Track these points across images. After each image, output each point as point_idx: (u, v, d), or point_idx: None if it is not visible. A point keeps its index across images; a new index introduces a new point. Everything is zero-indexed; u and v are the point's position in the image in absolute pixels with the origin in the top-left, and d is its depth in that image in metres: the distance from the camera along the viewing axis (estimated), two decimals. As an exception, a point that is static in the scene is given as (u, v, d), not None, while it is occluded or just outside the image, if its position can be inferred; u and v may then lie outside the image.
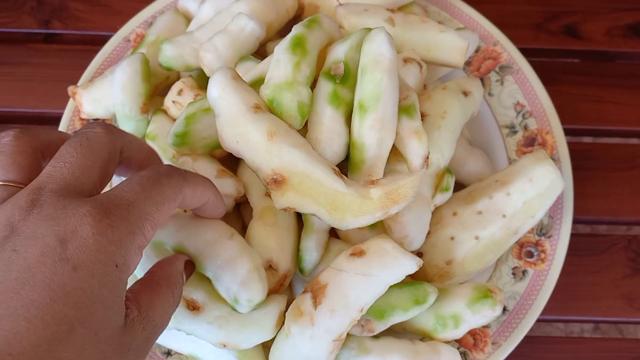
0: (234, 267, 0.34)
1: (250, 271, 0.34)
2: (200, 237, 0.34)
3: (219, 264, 0.34)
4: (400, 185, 0.35)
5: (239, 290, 0.34)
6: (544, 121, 0.46)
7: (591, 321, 0.47)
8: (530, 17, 0.57)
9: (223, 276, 0.34)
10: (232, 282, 0.33)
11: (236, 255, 0.34)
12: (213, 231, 0.34)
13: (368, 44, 0.36)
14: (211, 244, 0.34)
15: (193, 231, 0.34)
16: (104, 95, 0.44)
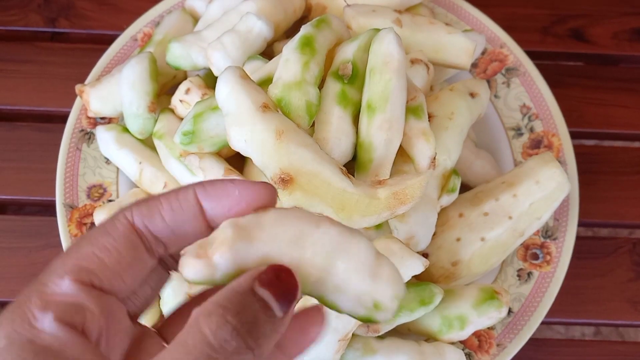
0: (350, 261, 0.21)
1: (378, 256, 0.22)
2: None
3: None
4: (408, 186, 0.35)
5: (375, 289, 0.20)
6: (550, 124, 0.47)
7: (594, 324, 0.47)
8: (537, 20, 0.57)
9: (340, 282, 0.20)
10: (359, 282, 0.20)
11: (345, 242, 0.20)
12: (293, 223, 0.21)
13: (377, 44, 0.36)
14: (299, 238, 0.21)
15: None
16: (112, 93, 0.44)
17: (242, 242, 0.18)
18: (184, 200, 0.19)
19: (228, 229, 0.18)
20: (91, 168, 0.45)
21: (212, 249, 0.18)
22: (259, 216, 0.19)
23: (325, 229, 0.20)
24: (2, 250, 0.47)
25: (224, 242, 0.18)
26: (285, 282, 0.18)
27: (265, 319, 0.17)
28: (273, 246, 0.19)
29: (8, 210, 0.53)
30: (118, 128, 0.44)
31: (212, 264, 0.18)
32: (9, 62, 0.53)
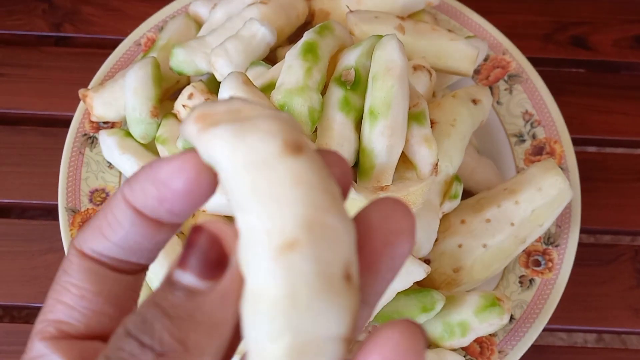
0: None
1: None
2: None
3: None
4: (410, 192, 0.35)
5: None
6: (552, 130, 0.47)
7: (596, 331, 0.47)
8: (538, 27, 0.57)
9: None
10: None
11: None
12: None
13: (379, 51, 0.36)
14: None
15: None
16: (115, 98, 0.45)
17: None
18: (116, 209, 0.16)
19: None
20: (94, 172, 0.45)
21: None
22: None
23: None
24: (5, 254, 0.47)
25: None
26: (200, 245, 0.14)
27: (172, 303, 0.14)
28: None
29: (11, 214, 0.54)
30: (121, 133, 0.45)
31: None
32: (14, 66, 0.54)
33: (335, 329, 0.13)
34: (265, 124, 0.14)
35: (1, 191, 0.49)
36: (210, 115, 0.15)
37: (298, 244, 0.13)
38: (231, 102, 0.15)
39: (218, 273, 0.14)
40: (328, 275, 0.13)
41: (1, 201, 0.49)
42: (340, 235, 0.14)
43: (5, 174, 0.50)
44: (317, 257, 0.13)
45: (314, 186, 0.14)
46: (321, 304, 0.13)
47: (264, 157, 0.14)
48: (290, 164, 0.14)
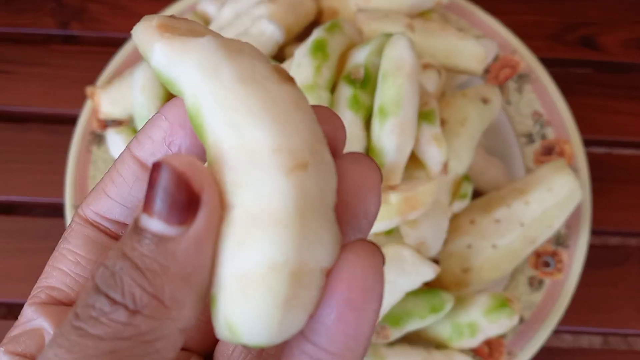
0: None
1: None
2: None
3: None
4: (419, 191, 0.35)
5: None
6: (562, 130, 0.46)
7: (603, 333, 0.46)
8: (546, 27, 0.57)
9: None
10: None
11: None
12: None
13: (390, 49, 0.36)
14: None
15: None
16: (123, 96, 0.45)
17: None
18: (121, 165, 0.15)
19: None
20: (101, 170, 0.45)
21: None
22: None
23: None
24: (11, 252, 0.47)
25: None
26: (164, 185, 0.12)
27: (141, 252, 0.12)
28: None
29: (17, 211, 0.53)
30: (129, 131, 0.44)
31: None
32: (22, 64, 0.54)
33: (327, 260, 0.13)
34: (249, 48, 0.14)
35: (8, 188, 0.49)
36: (175, 28, 0.14)
37: (308, 166, 0.13)
38: (191, 22, 0.14)
39: (189, 216, 0.12)
40: (327, 206, 0.13)
41: (7, 199, 0.49)
42: (332, 170, 0.13)
43: (12, 172, 0.50)
44: (320, 185, 0.13)
45: (311, 115, 0.13)
46: (323, 233, 0.13)
47: (257, 77, 0.13)
48: (287, 89, 0.13)
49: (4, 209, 0.51)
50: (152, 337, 0.12)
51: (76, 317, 0.13)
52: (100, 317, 0.12)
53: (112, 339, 0.12)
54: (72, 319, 0.13)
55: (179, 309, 0.13)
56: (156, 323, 0.12)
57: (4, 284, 0.46)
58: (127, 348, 0.12)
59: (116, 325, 0.12)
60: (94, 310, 0.12)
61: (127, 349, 0.12)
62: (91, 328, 0.12)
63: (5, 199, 0.49)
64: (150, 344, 0.12)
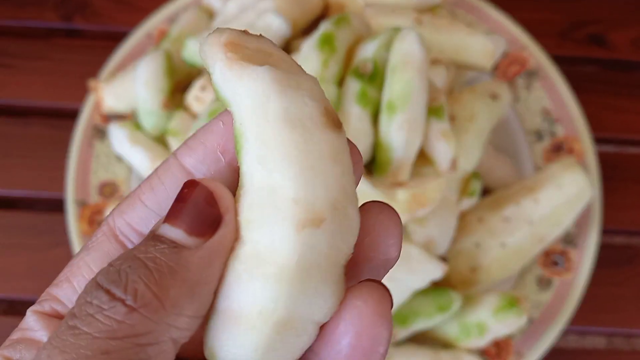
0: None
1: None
2: None
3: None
4: (427, 188, 0.34)
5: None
6: (571, 128, 0.46)
7: (609, 333, 0.46)
8: (555, 24, 0.56)
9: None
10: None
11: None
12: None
13: (399, 43, 0.35)
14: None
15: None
16: (126, 90, 0.44)
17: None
18: (164, 173, 0.15)
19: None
20: (103, 165, 0.45)
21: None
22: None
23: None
24: (12, 247, 0.47)
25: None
26: (193, 200, 0.13)
27: (153, 255, 0.13)
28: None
29: (19, 206, 0.53)
30: (131, 125, 0.44)
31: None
32: (24, 58, 0.53)
33: (323, 315, 0.13)
34: (307, 85, 0.13)
35: (8, 183, 0.49)
36: (242, 47, 0.14)
37: (323, 223, 0.13)
38: (263, 41, 0.14)
39: (209, 231, 0.13)
40: (336, 263, 0.13)
41: (9, 193, 0.49)
42: (353, 226, 0.14)
43: (14, 166, 0.49)
44: (333, 242, 0.13)
45: (346, 168, 0.13)
46: (324, 290, 0.13)
47: (304, 119, 0.13)
48: (331, 138, 0.13)
49: (5, 204, 0.50)
50: (146, 341, 0.12)
51: (72, 316, 0.13)
52: (97, 313, 0.12)
53: (106, 338, 0.12)
54: (68, 318, 0.13)
55: (177, 316, 0.13)
56: (152, 325, 0.12)
57: (4, 280, 0.46)
58: (120, 349, 0.12)
59: (111, 322, 0.12)
60: (91, 307, 0.12)
61: (120, 350, 0.12)
62: (86, 326, 0.12)
63: (7, 194, 0.49)
64: (143, 349, 0.12)
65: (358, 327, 0.13)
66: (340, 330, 0.13)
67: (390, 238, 0.15)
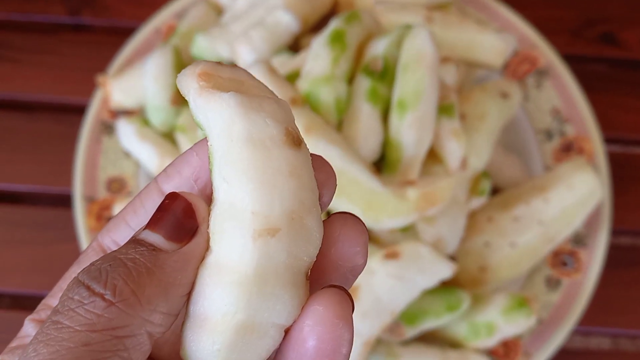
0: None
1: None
2: None
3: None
4: (438, 187, 0.34)
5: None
6: (581, 128, 0.45)
7: (614, 335, 0.45)
8: (566, 23, 0.55)
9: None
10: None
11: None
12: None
13: (410, 40, 0.35)
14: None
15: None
16: (134, 85, 0.44)
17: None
18: (145, 197, 0.17)
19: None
20: (111, 160, 0.44)
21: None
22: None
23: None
24: (18, 242, 0.47)
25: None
26: (173, 210, 0.15)
27: (133, 257, 0.14)
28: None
29: (24, 201, 0.53)
30: (139, 121, 0.44)
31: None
32: (32, 52, 0.53)
33: (285, 319, 0.15)
34: (270, 107, 0.15)
35: (14, 178, 0.49)
36: (215, 77, 0.15)
37: (278, 233, 0.14)
38: (236, 70, 0.16)
39: (184, 238, 0.15)
40: (295, 270, 0.15)
41: (15, 188, 0.49)
42: (313, 236, 0.15)
43: (20, 161, 0.49)
44: (290, 251, 0.14)
45: (305, 183, 0.15)
46: (283, 294, 0.14)
47: (264, 138, 0.14)
48: (288, 155, 0.15)
49: (11, 199, 0.50)
50: (123, 334, 0.13)
51: (55, 312, 0.14)
52: (77, 307, 0.13)
53: (86, 331, 0.13)
54: (52, 314, 0.14)
55: (151, 312, 0.14)
56: (129, 319, 0.13)
57: (8, 274, 0.46)
58: (100, 341, 0.13)
59: (91, 316, 0.13)
60: (73, 302, 0.14)
61: (100, 342, 0.13)
62: (68, 320, 0.13)
63: (12, 189, 0.49)
64: (120, 340, 0.13)
65: (320, 330, 0.14)
66: (304, 334, 0.14)
67: (355, 246, 0.16)
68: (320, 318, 0.14)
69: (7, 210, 0.48)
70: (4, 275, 0.46)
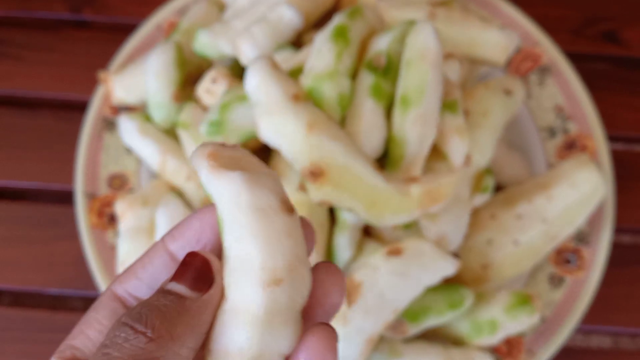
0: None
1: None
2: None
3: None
4: (441, 184, 0.34)
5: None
6: (584, 125, 0.45)
7: (615, 333, 0.45)
8: (568, 21, 0.55)
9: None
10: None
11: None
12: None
13: (414, 36, 0.35)
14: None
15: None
16: (136, 82, 0.44)
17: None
18: (153, 254, 0.20)
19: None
20: (112, 157, 0.44)
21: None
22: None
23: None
24: (19, 239, 0.46)
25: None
26: (194, 265, 0.19)
27: (164, 303, 0.18)
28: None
29: (26, 198, 0.53)
30: (141, 117, 0.43)
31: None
32: (32, 50, 0.53)
33: (286, 349, 0.18)
34: (268, 181, 0.19)
35: (16, 174, 0.48)
36: (220, 156, 0.19)
37: (282, 282, 0.18)
38: (234, 149, 0.20)
39: (204, 287, 0.18)
40: (294, 310, 0.19)
41: (15, 185, 0.48)
42: (306, 281, 0.19)
43: (21, 158, 0.49)
44: (291, 295, 0.18)
45: (298, 241, 0.19)
46: (286, 330, 0.18)
47: (266, 207, 0.18)
48: (285, 219, 0.19)
49: (11, 195, 0.50)
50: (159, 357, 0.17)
51: (104, 346, 0.17)
52: (124, 342, 0.17)
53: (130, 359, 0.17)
54: (101, 347, 0.17)
55: (180, 346, 0.18)
56: (163, 351, 0.17)
57: (10, 271, 0.46)
58: None
59: (135, 348, 0.17)
60: (119, 338, 0.17)
61: None
62: (116, 351, 0.17)
63: (14, 185, 0.49)
64: None
65: (313, 356, 0.18)
66: (300, 359, 0.19)
67: (335, 287, 0.20)
68: (313, 347, 0.19)
69: (8, 207, 0.48)
70: (4, 272, 0.46)
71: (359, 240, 0.38)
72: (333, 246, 0.37)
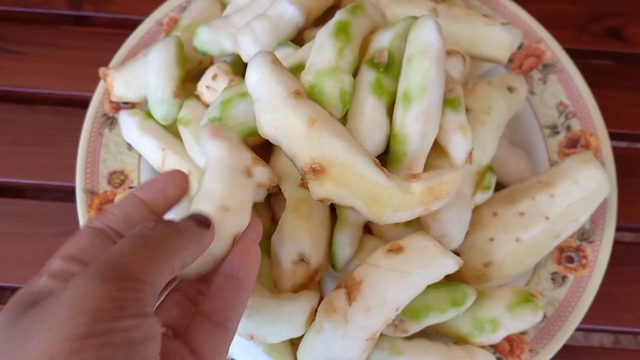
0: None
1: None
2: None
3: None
4: (444, 181, 0.33)
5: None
6: (587, 123, 0.45)
7: (616, 332, 0.45)
8: (573, 17, 0.55)
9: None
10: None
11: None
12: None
13: (416, 31, 0.35)
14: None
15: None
16: (136, 78, 0.43)
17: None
18: (125, 200, 0.27)
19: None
20: (112, 154, 0.44)
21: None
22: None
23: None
24: (20, 236, 0.46)
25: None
26: (202, 217, 0.27)
27: (178, 228, 0.25)
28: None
29: (27, 195, 0.52)
30: (142, 113, 0.43)
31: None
32: (33, 45, 0.53)
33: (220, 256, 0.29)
34: (241, 153, 0.31)
35: (16, 171, 0.48)
36: (219, 131, 0.32)
37: (228, 211, 0.29)
38: (229, 131, 0.32)
39: (207, 225, 0.27)
40: (230, 232, 0.29)
41: (16, 181, 0.48)
42: (243, 220, 0.29)
43: (22, 154, 0.49)
44: (231, 222, 0.29)
45: (246, 193, 0.30)
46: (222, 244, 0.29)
47: (235, 167, 0.30)
48: (243, 179, 0.30)
49: (13, 192, 0.50)
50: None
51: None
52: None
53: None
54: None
55: (212, 238, 0.27)
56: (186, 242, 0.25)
57: (10, 268, 0.45)
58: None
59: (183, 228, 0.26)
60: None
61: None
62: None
63: (14, 182, 0.48)
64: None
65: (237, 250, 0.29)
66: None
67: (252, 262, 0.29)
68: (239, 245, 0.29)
69: (8, 203, 0.48)
70: (5, 268, 0.45)
71: (360, 237, 0.38)
72: (334, 243, 0.37)
